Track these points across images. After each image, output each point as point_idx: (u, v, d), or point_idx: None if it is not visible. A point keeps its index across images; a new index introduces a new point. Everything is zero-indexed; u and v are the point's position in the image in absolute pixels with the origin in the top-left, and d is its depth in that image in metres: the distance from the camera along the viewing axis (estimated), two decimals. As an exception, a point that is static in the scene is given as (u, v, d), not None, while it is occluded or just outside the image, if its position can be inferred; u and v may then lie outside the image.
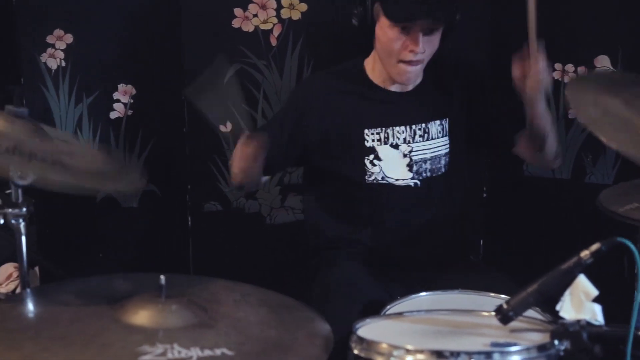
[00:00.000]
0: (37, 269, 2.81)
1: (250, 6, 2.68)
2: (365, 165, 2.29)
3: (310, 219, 2.47)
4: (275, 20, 2.70)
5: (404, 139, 2.31)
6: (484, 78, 2.47)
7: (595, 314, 1.47)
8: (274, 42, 2.71)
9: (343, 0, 2.68)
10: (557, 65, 2.70)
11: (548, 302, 1.55)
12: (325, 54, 2.73)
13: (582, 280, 1.48)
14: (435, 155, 2.32)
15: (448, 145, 2.34)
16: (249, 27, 2.70)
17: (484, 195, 2.86)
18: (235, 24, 2.69)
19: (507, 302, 1.50)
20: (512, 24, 2.70)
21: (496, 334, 1.55)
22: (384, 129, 2.29)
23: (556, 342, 1.47)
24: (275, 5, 2.69)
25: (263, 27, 2.70)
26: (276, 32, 2.70)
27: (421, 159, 2.31)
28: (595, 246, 1.50)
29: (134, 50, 2.76)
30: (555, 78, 2.71)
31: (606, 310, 1.50)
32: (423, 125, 2.31)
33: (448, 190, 2.36)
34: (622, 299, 2.75)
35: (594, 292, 1.48)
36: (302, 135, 2.30)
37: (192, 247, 2.90)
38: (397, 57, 2.20)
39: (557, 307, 1.49)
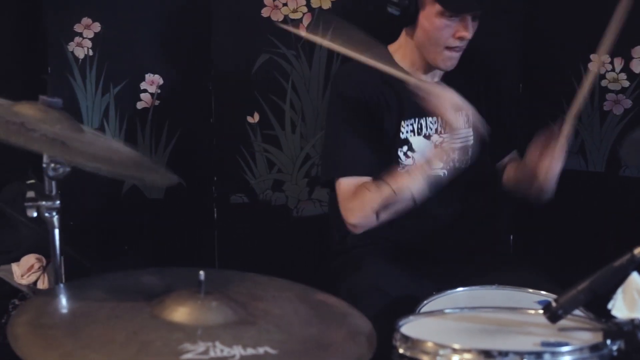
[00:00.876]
0: (62, 261, 2.78)
1: (281, -6, 2.65)
2: (399, 157, 2.25)
3: (335, 212, 2.42)
4: (305, 9, 2.65)
5: (436, 130, 2.28)
6: (496, 83, 2.42)
7: (649, 313, 1.42)
8: (303, 31, 2.66)
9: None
10: (593, 56, 2.65)
11: (597, 300, 1.51)
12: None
13: (635, 278, 1.44)
14: (464, 146, 2.29)
15: (472, 137, 2.30)
16: (278, 17, 2.65)
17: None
18: (265, 13, 2.65)
19: (556, 300, 1.45)
20: (546, 14, 2.69)
21: (544, 333, 1.50)
22: (417, 119, 2.27)
23: (609, 341, 1.42)
24: (305, -6, 2.65)
25: (293, 16, 2.66)
26: (306, 22, 2.66)
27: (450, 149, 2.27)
28: (649, 243, 1.45)
29: (162, 40, 2.73)
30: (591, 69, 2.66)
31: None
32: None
33: (474, 182, 2.33)
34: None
35: (648, 290, 1.43)
36: (373, 125, 2.26)
37: (217, 239, 2.86)
38: (444, 44, 2.19)
39: (609, 306, 1.45)
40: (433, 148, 2.21)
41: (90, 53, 2.68)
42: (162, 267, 1.77)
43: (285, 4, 2.64)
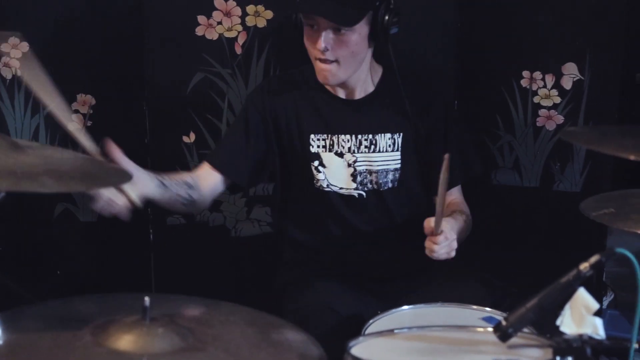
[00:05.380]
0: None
1: (215, 13, 2.60)
2: (311, 171, 2.28)
3: (282, 227, 2.43)
4: (240, 27, 2.62)
5: (349, 148, 2.29)
6: (438, 104, 2.39)
7: (596, 328, 1.43)
8: (238, 50, 2.64)
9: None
10: (525, 73, 2.70)
11: (546, 317, 1.52)
12: (291, 62, 2.66)
13: (582, 294, 1.45)
14: (383, 169, 2.29)
15: (399, 161, 2.30)
16: (213, 35, 2.62)
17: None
18: (199, 31, 2.61)
19: (506, 319, 1.45)
20: (479, 31, 2.73)
21: (494, 351, 1.51)
22: (329, 135, 2.28)
23: (558, 358, 1.43)
24: (240, 13, 2.61)
25: (227, 34, 2.63)
26: (241, 40, 2.63)
27: (366, 170, 2.28)
28: (594, 258, 1.46)
29: (94, 58, 2.66)
30: (524, 86, 2.71)
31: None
32: (370, 136, 2.27)
33: (401, 202, 2.34)
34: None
35: (595, 305, 1.44)
36: (265, 137, 2.29)
37: (154, 262, 2.80)
38: (313, 54, 2.21)
39: (557, 322, 1.45)
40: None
41: (18, 73, 2.60)
42: (100, 294, 1.73)
43: (219, 23, 2.61)
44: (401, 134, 2.30)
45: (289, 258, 2.40)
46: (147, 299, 1.43)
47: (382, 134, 2.29)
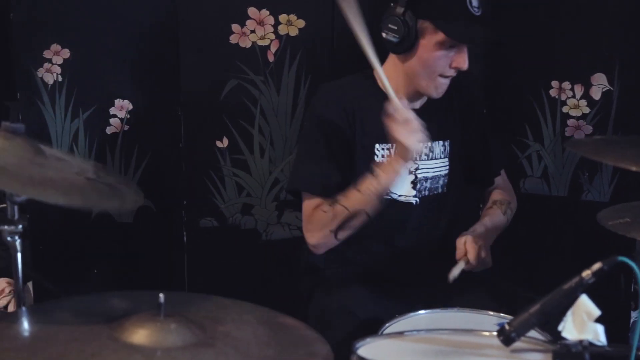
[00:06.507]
0: (30, 285, 2.79)
1: (248, 22, 2.68)
2: None
3: None
4: (272, 36, 2.69)
5: None
6: (479, 108, 2.45)
7: (597, 335, 1.45)
8: (271, 58, 2.70)
9: (341, 16, 2.68)
10: (555, 83, 2.71)
11: (549, 322, 1.54)
12: (322, 70, 2.72)
13: (584, 300, 1.47)
14: (436, 175, 2.32)
15: (448, 167, 2.34)
16: (246, 43, 2.69)
17: (481, 213, 2.85)
18: (233, 40, 2.69)
19: (509, 323, 1.49)
20: (509, 40, 2.75)
21: (497, 354, 1.54)
22: (394, 144, 2.25)
23: (558, 362, 1.45)
24: (272, 22, 2.68)
25: (260, 43, 2.69)
26: (273, 48, 2.70)
27: (424, 177, 2.30)
28: (596, 265, 1.49)
29: (131, 65, 2.75)
30: (553, 96, 2.72)
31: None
32: (428, 144, 2.30)
33: (445, 209, 2.36)
34: (620, 318, 2.77)
35: (596, 312, 1.46)
36: (346, 148, 2.26)
37: (187, 263, 2.88)
38: (439, 72, 2.20)
39: (559, 328, 1.48)
40: (380, 164, 2.18)
41: (60, 79, 2.70)
42: (128, 291, 1.79)
43: (253, 31, 2.68)
44: (449, 141, 2.34)
45: (316, 261, 2.42)
46: (161, 295, 1.49)
47: (437, 141, 2.32)
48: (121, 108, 2.76)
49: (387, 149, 2.26)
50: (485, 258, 2.23)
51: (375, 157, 2.26)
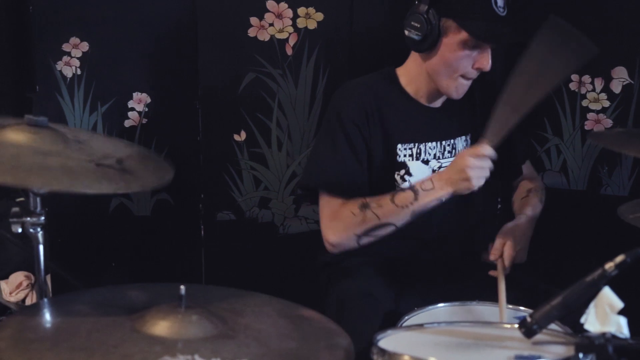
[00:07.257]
0: (49, 277, 2.80)
1: (267, 15, 2.67)
2: (395, 180, 2.26)
3: None
4: (291, 29, 2.69)
5: (434, 155, 2.29)
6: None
7: (620, 327, 1.44)
8: (289, 51, 2.70)
9: (360, 10, 2.68)
10: (574, 76, 2.70)
11: (571, 315, 1.54)
12: (340, 63, 2.72)
13: (606, 293, 1.46)
14: None
15: None
16: (264, 36, 2.69)
17: (499, 206, 2.85)
18: (251, 33, 2.68)
19: (531, 315, 1.48)
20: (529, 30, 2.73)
21: (519, 347, 1.53)
22: (416, 144, 2.26)
23: (581, 355, 1.44)
24: (291, 15, 2.68)
25: (279, 36, 2.69)
26: (292, 42, 2.70)
27: None
28: (619, 257, 1.48)
29: (149, 58, 2.76)
30: (573, 89, 2.71)
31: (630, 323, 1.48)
32: (452, 141, 2.29)
33: (466, 204, 2.35)
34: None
35: (619, 304, 1.45)
36: (365, 147, 2.24)
37: (204, 256, 2.88)
38: (461, 72, 2.18)
39: (582, 320, 1.47)
40: (423, 183, 2.11)
41: (78, 72, 2.70)
42: (147, 283, 1.80)
43: (271, 24, 2.68)
44: (470, 134, 2.33)
45: (332, 258, 2.40)
46: (182, 287, 1.50)
47: (460, 137, 2.32)
48: (139, 101, 2.76)
49: (410, 148, 2.26)
50: (520, 253, 2.27)
51: (397, 157, 2.25)
